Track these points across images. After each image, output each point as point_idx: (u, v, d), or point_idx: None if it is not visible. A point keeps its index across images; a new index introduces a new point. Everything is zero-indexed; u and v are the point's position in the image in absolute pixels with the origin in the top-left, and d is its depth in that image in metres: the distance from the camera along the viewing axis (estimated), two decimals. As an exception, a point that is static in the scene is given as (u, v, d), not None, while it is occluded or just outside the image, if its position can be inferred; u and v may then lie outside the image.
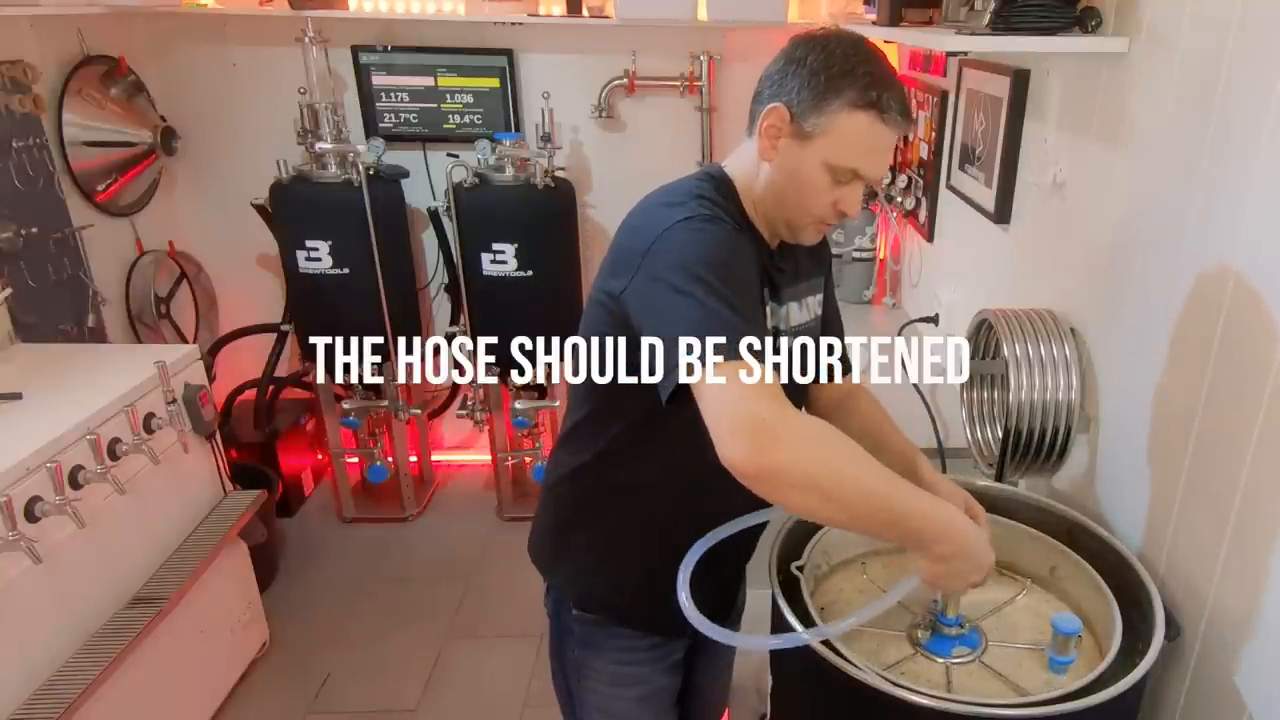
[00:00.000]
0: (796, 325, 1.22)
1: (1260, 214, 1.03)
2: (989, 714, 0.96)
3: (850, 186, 1.08)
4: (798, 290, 1.23)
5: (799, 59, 1.06)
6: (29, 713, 1.62)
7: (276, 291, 3.19)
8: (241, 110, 3.07)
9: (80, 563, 1.81)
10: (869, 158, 1.06)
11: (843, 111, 1.02)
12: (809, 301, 1.26)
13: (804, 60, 1.05)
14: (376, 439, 3.19)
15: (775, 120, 1.06)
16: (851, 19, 2.46)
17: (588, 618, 1.28)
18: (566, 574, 1.30)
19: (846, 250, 2.76)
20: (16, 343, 2.24)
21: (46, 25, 2.52)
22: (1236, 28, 1.07)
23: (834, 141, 1.04)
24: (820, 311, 1.29)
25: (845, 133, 1.03)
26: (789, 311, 1.21)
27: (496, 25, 2.95)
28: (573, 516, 1.28)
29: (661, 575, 1.11)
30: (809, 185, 1.07)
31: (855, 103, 1.02)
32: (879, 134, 1.04)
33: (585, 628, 1.29)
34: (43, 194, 2.50)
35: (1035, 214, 1.70)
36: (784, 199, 1.10)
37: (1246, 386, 1.04)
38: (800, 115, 1.05)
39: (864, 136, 1.03)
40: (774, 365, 0.95)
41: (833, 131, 1.03)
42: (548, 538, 1.33)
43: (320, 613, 2.74)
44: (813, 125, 1.04)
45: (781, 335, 1.20)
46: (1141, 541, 1.29)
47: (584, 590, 1.29)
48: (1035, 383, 1.41)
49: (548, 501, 1.32)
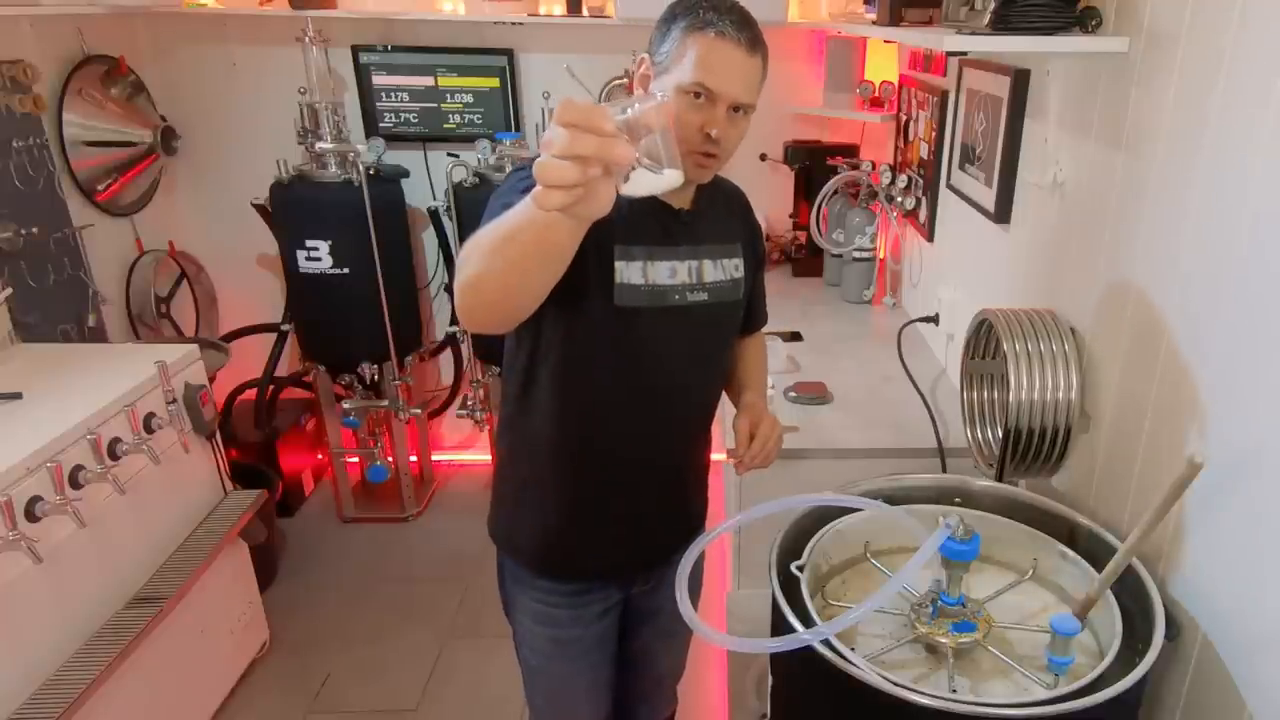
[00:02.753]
0: (710, 282, 1.32)
1: (1260, 214, 1.03)
2: (989, 714, 0.96)
3: (711, 108, 1.17)
4: (712, 250, 1.33)
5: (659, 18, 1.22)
6: (29, 713, 1.62)
7: (276, 291, 3.19)
8: (241, 110, 3.07)
9: (80, 563, 1.81)
10: (712, 72, 1.15)
11: (682, 37, 1.17)
12: (725, 264, 1.34)
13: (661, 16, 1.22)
14: (376, 439, 3.19)
15: (643, 70, 1.24)
16: (851, 19, 2.46)
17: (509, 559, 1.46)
18: (494, 516, 1.47)
19: (846, 250, 2.76)
20: (16, 343, 2.24)
21: (46, 25, 2.52)
22: (1236, 28, 1.07)
23: (680, 65, 1.16)
24: (739, 276, 1.37)
25: (688, 54, 1.16)
26: (703, 267, 1.31)
27: (496, 25, 2.95)
28: (499, 466, 1.45)
29: (558, 527, 1.36)
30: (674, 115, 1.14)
31: (690, 26, 1.16)
32: (717, 48, 1.15)
33: (510, 568, 1.47)
34: (43, 194, 2.50)
35: (1035, 214, 1.71)
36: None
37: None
38: (655, 56, 1.21)
39: (703, 53, 1.15)
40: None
41: (678, 57, 1.17)
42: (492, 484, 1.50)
43: (320, 613, 2.74)
44: (663, 57, 1.19)
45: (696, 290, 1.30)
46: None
47: (502, 533, 1.46)
48: (1035, 382, 1.41)
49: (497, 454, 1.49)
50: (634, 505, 1.39)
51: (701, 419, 1.44)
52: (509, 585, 1.49)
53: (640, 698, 1.72)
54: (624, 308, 1.23)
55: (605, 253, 1.20)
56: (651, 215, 1.25)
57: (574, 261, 0.98)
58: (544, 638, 1.47)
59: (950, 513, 1.16)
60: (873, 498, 1.26)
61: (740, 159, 1.46)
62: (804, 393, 2.05)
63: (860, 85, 2.85)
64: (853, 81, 2.91)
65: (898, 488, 1.41)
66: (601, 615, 1.47)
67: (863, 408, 2.04)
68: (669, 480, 1.44)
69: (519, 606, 1.48)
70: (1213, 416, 1.12)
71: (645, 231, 1.24)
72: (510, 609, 1.52)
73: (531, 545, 1.42)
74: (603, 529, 1.39)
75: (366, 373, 2.98)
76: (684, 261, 1.28)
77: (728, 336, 1.44)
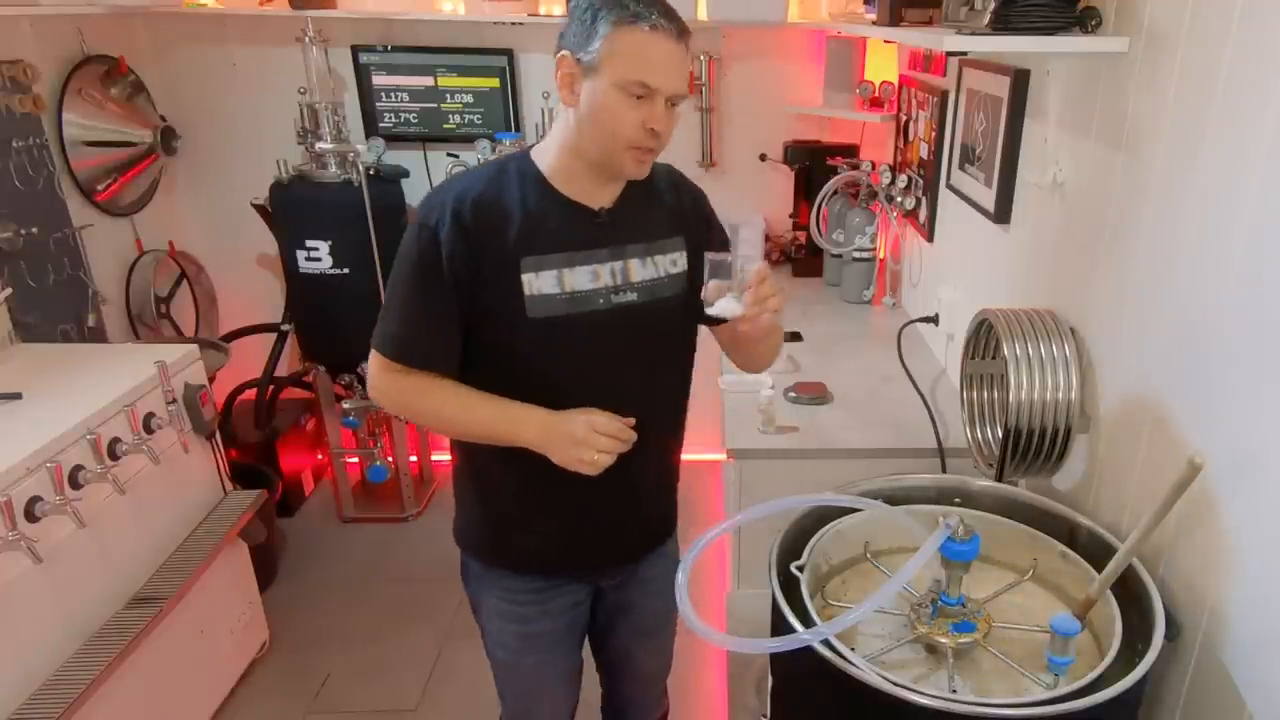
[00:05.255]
0: (639, 281, 1.29)
1: (1259, 213, 1.03)
2: (989, 714, 0.96)
3: (651, 103, 1.15)
4: (639, 248, 1.29)
5: (570, 9, 1.19)
6: (29, 713, 1.62)
7: (276, 291, 3.19)
8: (241, 110, 3.07)
9: (80, 563, 1.81)
10: (650, 67, 1.13)
11: (611, 33, 1.12)
12: (658, 260, 1.30)
13: (573, 8, 1.18)
14: (376, 439, 3.18)
15: (565, 69, 1.18)
16: (851, 19, 2.46)
17: (472, 559, 1.47)
18: (456, 518, 1.49)
19: (846, 250, 2.76)
20: (16, 343, 2.24)
21: (46, 25, 2.52)
22: (1236, 28, 1.07)
23: (614, 63, 1.13)
24: (678, 270, 1.33)
25: (619, 51, 1.12)
26: (629, 266, 1.28)
27: (496, 25, 2.95)
28: (454, 466, 1.45)
29: (509, 518, 1.40)
30: (609, 112, 1.15)
31: (618, 21, 1.12)
32: (651, 42, 1.13)
33: (474, 567, 1.48)
34: (43, 194, 2.50)
35: (1035, 214, 1.71)
36: (595, 134, 1.18)
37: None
38: (581, 54, 1.15)
39: (638, 48, 1.13)
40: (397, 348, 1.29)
41: (610, 55, 1.13)
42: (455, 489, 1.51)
43: (320, 613, 2.74)
44: (592, 57, 1.14)
45: (623, 292, 1.28)
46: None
47: (465, 531, 1.47)
48: (1035, 382, 1.41)
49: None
50: (585, 503, 1.34)
51: (655, 422, 1.34)
52: (473, 585, 1.50)
53: (628, 700, 1.73)
54: (539, 319, 1.22)
55: (510, 269, 1.21)
56: (569, 222, 1.24)
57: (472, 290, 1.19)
58: (512, 634, 1.48)
59: (950, 513, 1.16)
60: (873, 498, 1.26)
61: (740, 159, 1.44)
62: (804, 393, 2.05)
63: (860, 85, 2.85)
64: (853, 81, 2.91)
65: (898, 488, 1.41)
66: (570, 608, 1.48)
67: (863, 408, 2.04)
68: (621, 483, 1.29)
69: (483, 608, 1.50)
70: (1213, 417, 1.12)
71: (561, 239, 1.23)
72: (477, 610, 1.52)
73: (488, 539, 1.44)
74: (551, 522, 1.38)
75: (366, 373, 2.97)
76: (605, 264, 1.26)
77: (674, 335, 1.37)
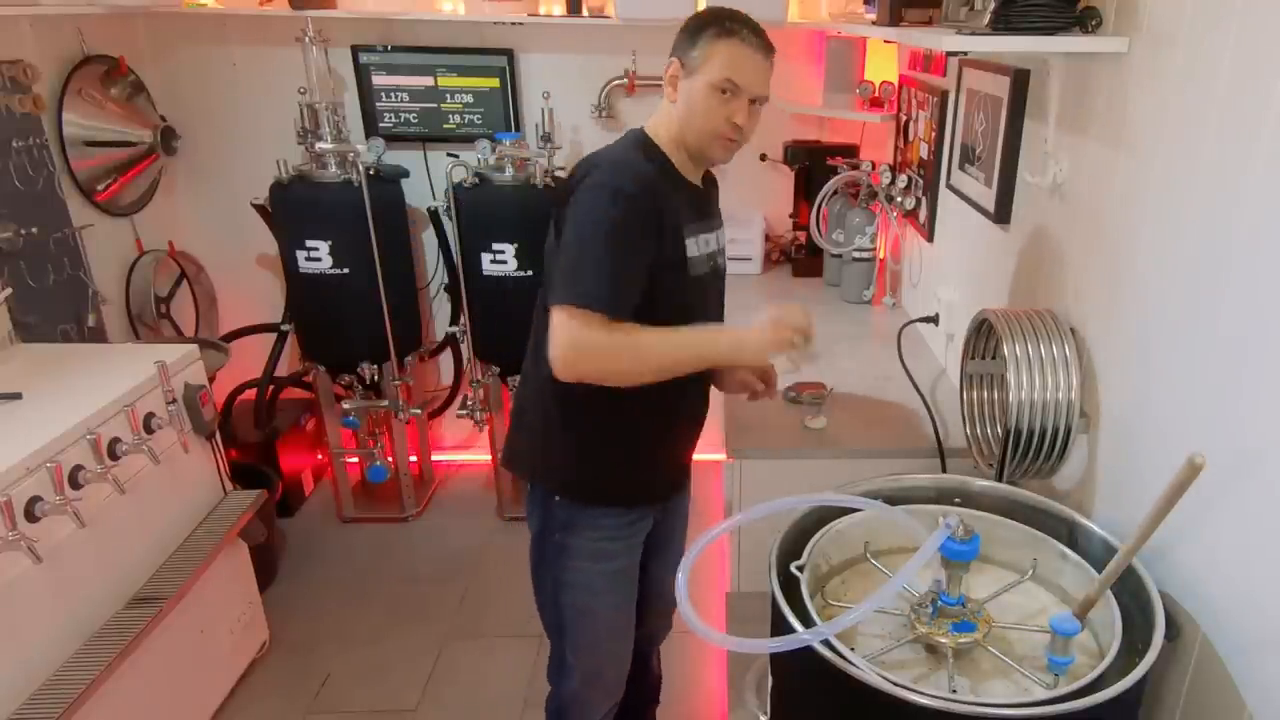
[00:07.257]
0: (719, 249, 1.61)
1: (1259, 213, 1.03)
2: (989, 714, 0.96)
3: (736, 100, 1.43)
4: (717, 223, 1.61)
5: (681, 29, 1.47)
6: (29, 713, 1.62)
7: (276, 291, 3.19)
8: (241, 110, 3.08)
9: (80, 563, 1.81)
10: (739, 70, 1.42)
11: (710, 43, 1.42)
12: (721, 233, 1.62)
13: (684, 27, 1.47)
14: (376, 439, 3.19)
15: (672, 71, 1.47)
16: (851, 19, 2.46)
17: (570, 504, 1.58)
18: (555, 470, 1.60)
19: (846, 250, 2.76)
20: (16, 343, 2.24)
21: (46, 25, 2.52)
22: (1237, 27, 1.07)
23: (710, 66, 1.42)
24: (718, 247, 1.62)
25: (715, 57, 1.42)
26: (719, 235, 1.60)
27: (496, 25, 2.95)
28: (560, 419, 1.55)
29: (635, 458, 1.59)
30: (704, 106, 1.43)
31: (716, 34, 1.42)
32: (741, 51, 1.42)
33: (568, 513, 1.58)
34: (43, 194, 2.50)
35: (1035, 214, 1.71)
36: (690, 126, 1.46)
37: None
38: (685, 59, 1.45)
39: (730, 56, 1.42)
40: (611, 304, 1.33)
41: (707, 59, 1.42)
42: (536, 443, 1.62)
43: (320, 613, 2.74)
44: (693, 60, 1.44)
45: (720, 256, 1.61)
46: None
47: (571, 479, 1.59)
48: (1035, 382, 1.41)
49: (532, 412, 1.61)
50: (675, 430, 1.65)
51: None
52: (559, 535, 1.59)
53: (651, 632, 1.92)
54: (695, 276, 1.50)
55: (677, 234, 1.45)
56: (693, 197, 1.53)
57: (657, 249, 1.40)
58: (598, 574, 1.62)
59: (950, 513, 1.16)
60: (873, 498, 1.26)
61: (740, 158, 1.54)
62: (804, 393, 2.05)
63: (860, 85, 2.85)
64: (852, 81, 2.91)
65: (898, 488, 1.41)
66: (643, 542, 1.67)
67: (863, 408, 2.04)
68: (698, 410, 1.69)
69: (572, 552, 1.60)
70: (1212, 417, 1.12)
71: (696, 211, 1.51)
72: (558, 561, 1.61)
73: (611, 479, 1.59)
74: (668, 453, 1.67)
75: (366, 373, 2.98)
76: (711, 233, 1.57)
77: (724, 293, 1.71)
